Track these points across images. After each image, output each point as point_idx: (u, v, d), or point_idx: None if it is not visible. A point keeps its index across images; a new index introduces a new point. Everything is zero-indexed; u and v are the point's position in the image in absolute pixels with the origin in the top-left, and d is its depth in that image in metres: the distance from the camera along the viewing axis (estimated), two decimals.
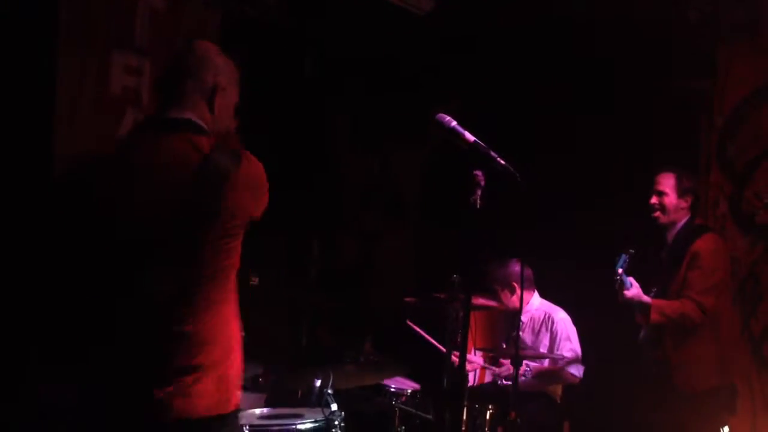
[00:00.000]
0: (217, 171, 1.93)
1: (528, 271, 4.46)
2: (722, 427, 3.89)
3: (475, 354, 4.59)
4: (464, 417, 3.35)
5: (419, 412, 3.51)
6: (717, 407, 3.82)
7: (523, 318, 4.48)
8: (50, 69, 3.62)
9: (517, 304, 4.41)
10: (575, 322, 4.50)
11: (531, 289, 4.52)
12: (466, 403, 3.37)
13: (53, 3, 3.61)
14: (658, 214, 3.87)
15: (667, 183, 3.87)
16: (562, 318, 4.47)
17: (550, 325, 4.45)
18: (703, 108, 4.88)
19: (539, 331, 4.47)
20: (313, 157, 4.95)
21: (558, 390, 4.50)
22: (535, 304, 4.57)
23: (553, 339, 4.42)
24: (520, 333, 4.37)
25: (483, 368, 4.52)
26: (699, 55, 4.75)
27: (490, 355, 4.63)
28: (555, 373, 4.37)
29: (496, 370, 4.41)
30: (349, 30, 4.38)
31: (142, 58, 4.04)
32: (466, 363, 2.64)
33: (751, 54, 4.73)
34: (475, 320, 4.73)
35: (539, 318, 4.50)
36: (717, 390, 3.81)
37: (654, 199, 3.88)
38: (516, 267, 4.43)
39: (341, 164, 5.20)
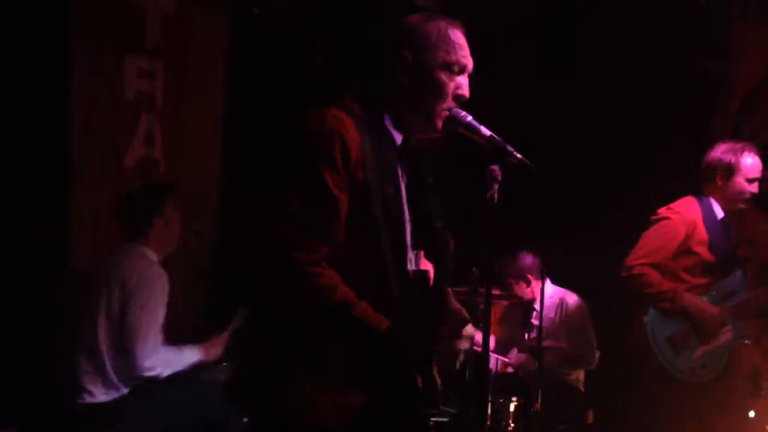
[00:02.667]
0: None
1: (537, 261, 4.44)
2: (747, 412, 3.87)
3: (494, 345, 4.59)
4: (489, 411, 3.34)
5: (443, 407, 3.50)
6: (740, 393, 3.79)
7: (537, 306, 4.50)
8: (64, 76, 3.64)
9: (532, 295, 4.42)
10: (593, 311, 4.48)
11: (541, 278, 4.51)
12: (490, 396, 3.36)
13: (65, 9, 3.63)
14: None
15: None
16: (574, 304, 4.45)
17: (563, 312, 4.45)
18: (719, 90, 4.84)
19: (553, 318, 4.46)
20: None
21: (581, 378, 4.49)
22: (548, 292, 4.52)
23: (565, 324, 4.41)
24: (534, 322, 4.36)
25: (497, 360, 4.52)
26: (714, 35, 4.70)
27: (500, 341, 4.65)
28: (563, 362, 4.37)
29: (505, 359, 4.43)
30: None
31: (155, 61, 4.05)
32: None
33: (766, 33, 4.68)
34: (494, 311, 4.74)
35: (553, 305, 4.47)
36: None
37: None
38: (527, 259, 4.43)
39: None
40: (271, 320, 1.86)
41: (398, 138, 1.97)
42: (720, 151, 3.67)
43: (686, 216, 3.62)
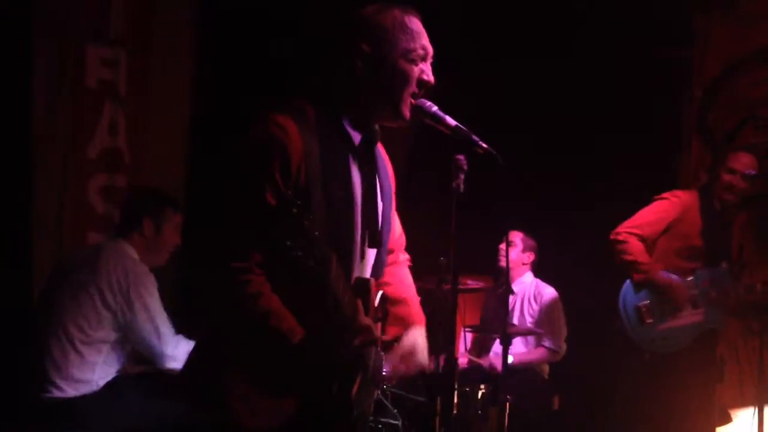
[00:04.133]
0: None
1: (532, 242, 4.62)
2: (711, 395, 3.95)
3: (464, 332, 4.63)
4: (455, 400, 3.37)
5: (411, 395, 3.53)
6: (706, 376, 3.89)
7: (516, 289, 4.57)
8: (25, 66, 3.57)
9: (504, 264, 4.53)
10: (564, 296, 4.58)
11: (531, 253, 4.63)
12: (456, 386, 3.40)
13: None
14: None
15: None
16: (549, 296, 4.58)
17: (539, 299, 4.58)
18: (683, 78, 4.89)
19: (529, 305, 4.60)
20: None
21: (545, 367, 4.61)
22: (528, 281, 4.67)
23: (541, 312, 4.54)
24: (512, 308, 4.48)
25: (469, 360, 4.57)
26: (677, 24, 4.74)
27: (476, 336, 4.70)
28: (536, 359, 4.49)
29: (480, 362, 4.51)
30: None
31: (118, 49, 3.99)
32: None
33: (728, 24, 4.73)
34: (464, 299, 4.77)
35: (530, 293, 4.63)
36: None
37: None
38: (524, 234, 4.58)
39: None
40: (211, 323, 1.87)
41: (356, 138, 1.94)
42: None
43: (684, 200, 3.85)
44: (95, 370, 3.04)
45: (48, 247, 3.66)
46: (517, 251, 4.62)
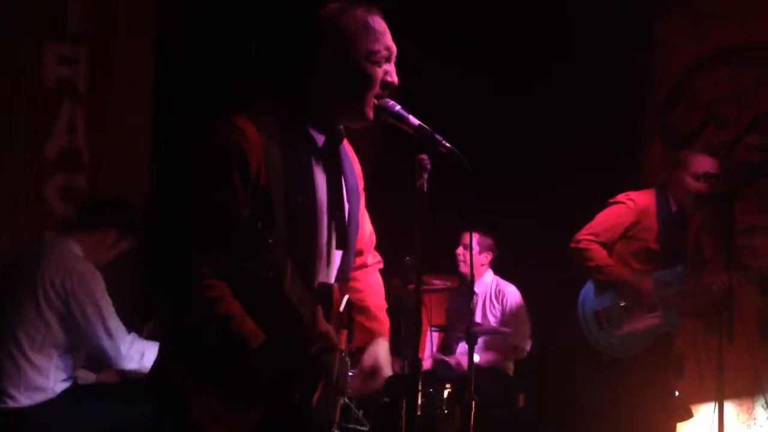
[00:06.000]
0: None
1: (489, 241, 4.61)
2: (672, 392, 4.00)
3: (430, 332, 4.64)
4: (419, 401, 3.37)
5: (376, 396, 3.52)
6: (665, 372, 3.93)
7: (477, 290, 4.59)
8: None
9: (467, 269, 4.49)
10: (526, 295, 4.62)
11: (489, 252, 4.62)
12: (420, 387, 3.40)
13: None
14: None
15: None
16: (512, 294, 4.62)
17: (501, 298, 4.61)
18: (644, 80, 4.95)
19: (491, 304, 4.62)
20: None
21: (510, 365, 4.63)
22: (488, 280, 4.69)
23: (503, 312, 4.58)
24: (476, 309, 4.49)
25: (437, 359, 4.58)
26: (638, 26, 4.80)
27: (443, 336, 4.71)
28: (503, 356, 4.51)
29: (448, 360, 4.52)
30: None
31: (77, 46, 3.91)
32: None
33: (688, 25, 4.80)
34: (430, 299, 4.77)
35: (491, 292, 4.65)
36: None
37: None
38: (482, 234, 4.57)
39: None
40: (173, 330, 1.84)
41: (320, 139, 1.92)
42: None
43: (639, 204, 3.82)
44: (50, 377, 2.96)
45: (4, 248, 3.57)
46: (474, 254, 4.59)
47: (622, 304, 3.77)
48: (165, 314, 1.90)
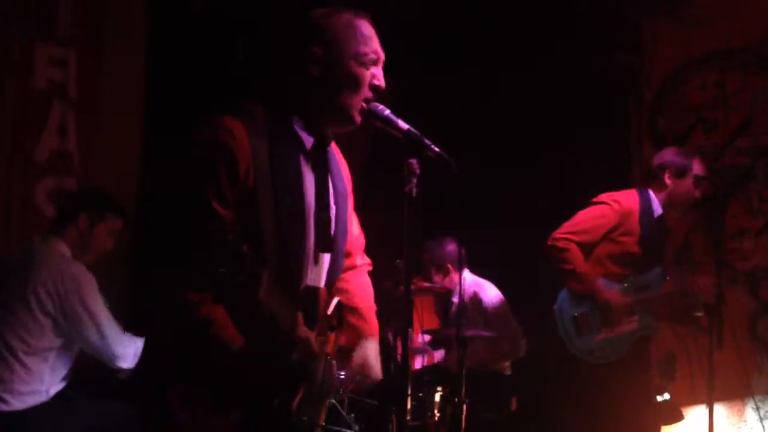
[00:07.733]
0: None
1: (458, 250, 4.45)
2: (662, 393, 4.02)
3: (422, 337, 4.62)
4: (408, 405, 3.37)
5: (368, 400, 3.51)
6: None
7: (454, 299, 4.52)
8: None
9: (451, 285, 4.44)
10: (518, 297, 4.54)
11: (461, 268, 4.55)
12: (410, 390, 3.40)
13: None
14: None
15: None
16: (490, 297, 4.49)
17: (479, 306, 4.46)
18: (633, 83, 4.97)
19: (471, 302, 4.46)
20: None
21: (507, 365, 4.55)
22: (465, 282, 4.52)
23: (486, 320, 4.44)
24: (452, 313, 4.39)
25: (420, 352, 4.56)
26: (626, 29, 4.82)
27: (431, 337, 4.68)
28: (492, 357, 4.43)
29: (435, 354, 4.48)
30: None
31: (67, 48, 3.90)
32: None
33: (676, 28, 4.83)
34: (422, 303, 4.76)
35: (469, 293, 4.48)
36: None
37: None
38: (450, 247, 4.44)
39: None
40: (156, 333, 1.85)
41: (308, 140, 1.92)
42: (672, 154, 3.80)
43: (623, 206, 3.71)
44: (44, 380, 2.96)
45: None
46: (450, 276, 4.45)
47: (598, 310, 3.66)
48: (149, 316, 1.91)
